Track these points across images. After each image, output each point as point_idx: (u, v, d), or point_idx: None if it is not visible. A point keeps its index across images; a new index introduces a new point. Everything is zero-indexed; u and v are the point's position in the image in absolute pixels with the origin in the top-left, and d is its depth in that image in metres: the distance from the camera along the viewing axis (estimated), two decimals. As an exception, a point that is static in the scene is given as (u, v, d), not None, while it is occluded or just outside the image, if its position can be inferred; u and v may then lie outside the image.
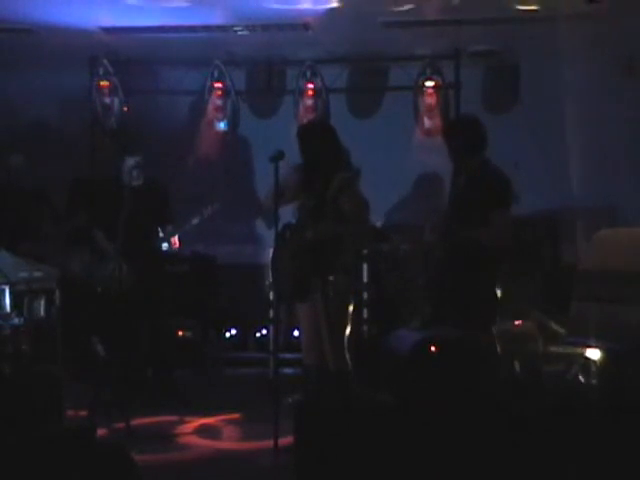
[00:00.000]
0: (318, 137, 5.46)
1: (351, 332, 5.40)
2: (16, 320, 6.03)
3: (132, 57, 8.43)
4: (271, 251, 5.54)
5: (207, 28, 7.64)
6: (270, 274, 5.70)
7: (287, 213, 5.52)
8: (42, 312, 6.34)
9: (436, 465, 4.13)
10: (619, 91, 8.28)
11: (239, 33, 7.74)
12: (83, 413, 5.68)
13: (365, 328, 7.43)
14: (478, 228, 5.31)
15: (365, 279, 7.45)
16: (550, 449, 4.11)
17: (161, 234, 6.64)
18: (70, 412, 5.54)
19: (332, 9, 7.13)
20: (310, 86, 8.41)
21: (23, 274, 6.23)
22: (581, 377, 5.96)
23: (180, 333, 7.66)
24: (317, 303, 5.30)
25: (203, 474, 5.10)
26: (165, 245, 6.61)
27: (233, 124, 8.64)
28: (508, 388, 5.49)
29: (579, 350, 5.98)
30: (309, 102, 8.41)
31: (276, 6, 7.08)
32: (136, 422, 5.72)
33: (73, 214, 7.12)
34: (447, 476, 4.13)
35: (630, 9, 6.97)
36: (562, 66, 8.23)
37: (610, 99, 8.23)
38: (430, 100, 8.36)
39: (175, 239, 6.67)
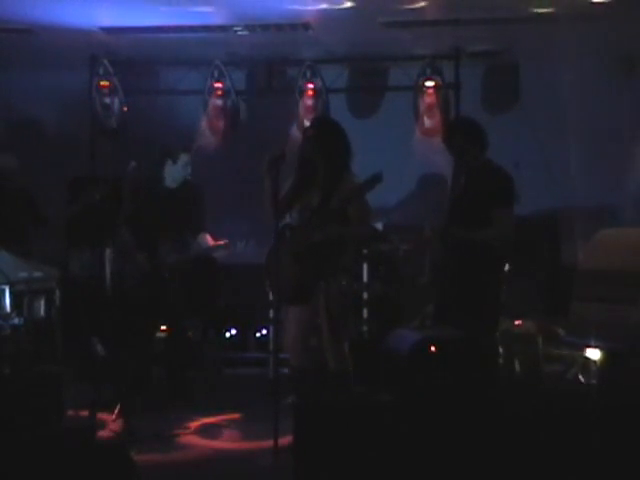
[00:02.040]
0: (330, 135, 5.34)
1: (350, 332, 5.39)
2: (16, 320, 6.03)
3: (132, 57, 8.43)
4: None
5: (207, 28, 7.64)
6: (266, 275, 5.46)
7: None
8: (42, 312, 6.34)
9: (436, 465, 4.13)
10: (619, 91, 8.28)
11: (239, 33, 7.74)
12: (83, 413, 5.68)
13: (365, 328, 7.42)
14: (482, 227, 5.32)
15: (365, 279, 7.45)
16: (550, 449, 4.11)
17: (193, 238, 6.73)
18: (70, 412, 5.54)
19: (332, 9, 7.13)
20: (310, 86, 8.40)
21: (23, 274, 6.23)
22: (581, 377, 5.97)
23: (180, 333, 7.66)
24: (317, 304, 5.28)
25: (203, 474, 5.10)
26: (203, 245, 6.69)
27: (233, 124, 8.63)
28: (508, 388, 5.49)
29: (579, 350, 5.99)
30: (309, 102, 8.40)
31: (276, 6, 7.07)
32: (136, 422, 5.72)
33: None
34: (447, 476, 4.13)
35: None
36: (562, 66, 8.23)
37: (610, 99, 8.24)
38: (430, 100, 8.35)
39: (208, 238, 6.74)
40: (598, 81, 8.26)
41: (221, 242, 6.75)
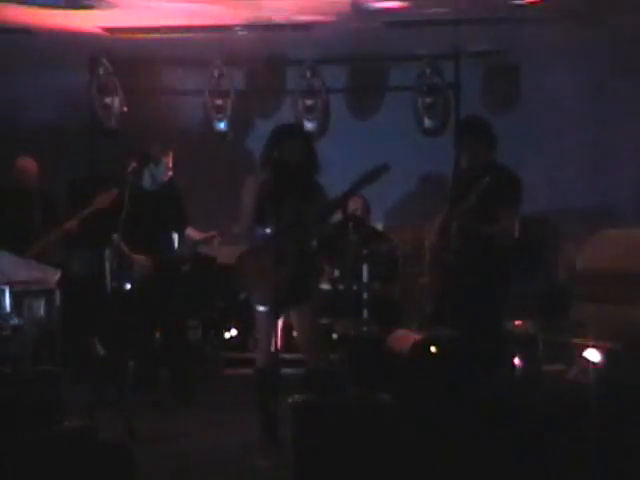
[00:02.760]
0: (305, 140, 5.44)
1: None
2: (16, 320, 6.03)
3: (132, 57, 8.43)
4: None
5: (207, 28, 7.63)
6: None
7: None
8: (42, 312, 6.34)
9: (436, 465, 4.13)
10: (618, 91, 8.29)
11: (239, 33, 7.74)
12: (83, 413, 5.68)
13: (365, 328, 7.42)
14: (497, 227, 5.35)
15: (365, 279, 7.45)
16: (550, 449, 4.12)
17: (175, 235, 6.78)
18: (70, 412, 5.53)
19: (333, 9, 7.13)
20: (310, 86, 8.41)
21: (23, 274, 6.23)
22: (581, 377, 5.96)
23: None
24: (307, 306, 5.31)
25: (203, 474, 5.11)
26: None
27: (233, 124, 8.62)
28: (508, 388, 5.49)
29: (579, 350, 5.98)
30: (309, 102, 8.41)
31: (276, 6, 7.07)
32: (137, 422, 5.72)
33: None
34: (447, 476, 4.13)
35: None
36: (562, 66, 8.24)
37: (610, 99, 8.24)
38: (430, 100, 8.36)
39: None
40: (598, 81, 8.26)
41: (211, 233, 6.81)
